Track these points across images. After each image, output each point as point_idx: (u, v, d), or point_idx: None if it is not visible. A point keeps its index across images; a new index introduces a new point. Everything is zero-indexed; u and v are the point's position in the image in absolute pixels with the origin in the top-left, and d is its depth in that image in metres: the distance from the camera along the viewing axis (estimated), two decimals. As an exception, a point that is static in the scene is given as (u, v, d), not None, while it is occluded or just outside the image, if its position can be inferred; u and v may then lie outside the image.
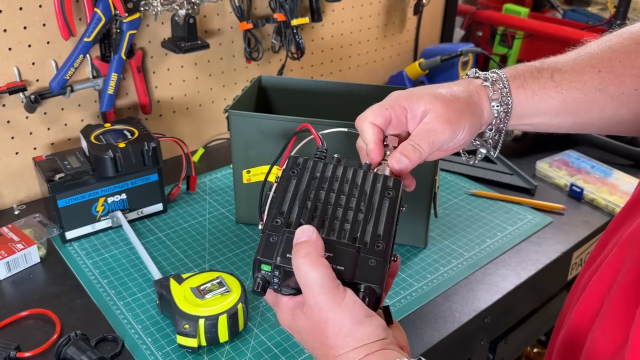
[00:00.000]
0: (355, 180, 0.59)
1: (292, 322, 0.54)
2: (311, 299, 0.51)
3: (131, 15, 1.03)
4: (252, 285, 0.54)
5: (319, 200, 0.57)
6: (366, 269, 0.53)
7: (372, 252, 0.54)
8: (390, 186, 0.58)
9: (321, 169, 0.59)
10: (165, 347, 0.76)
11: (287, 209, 0.56)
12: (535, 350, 1.40)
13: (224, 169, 1.20)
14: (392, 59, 1.58)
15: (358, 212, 0.57)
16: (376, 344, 0.50)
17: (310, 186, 0.58)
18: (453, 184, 1.16)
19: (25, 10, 0.97)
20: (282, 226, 0.55)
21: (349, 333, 0.50)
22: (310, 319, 0.51)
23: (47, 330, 0.79)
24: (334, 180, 0.59)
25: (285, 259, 0.53)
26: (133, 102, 1.16)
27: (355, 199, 0.57)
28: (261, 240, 0.54)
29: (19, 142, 1.04)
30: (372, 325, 0.51)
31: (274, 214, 0.56)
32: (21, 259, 0.89)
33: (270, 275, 0.54)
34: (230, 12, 1.21)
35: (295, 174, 0.59)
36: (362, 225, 0.56)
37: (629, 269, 0.48)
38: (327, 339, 0.51)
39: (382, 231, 0.55)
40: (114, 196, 0.97)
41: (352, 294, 0.51)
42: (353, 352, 0.50)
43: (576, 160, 1.21)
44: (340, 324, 0.50)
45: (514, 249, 0.97)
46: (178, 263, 0.92)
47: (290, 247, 0.53)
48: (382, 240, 0.55)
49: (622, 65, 0.62)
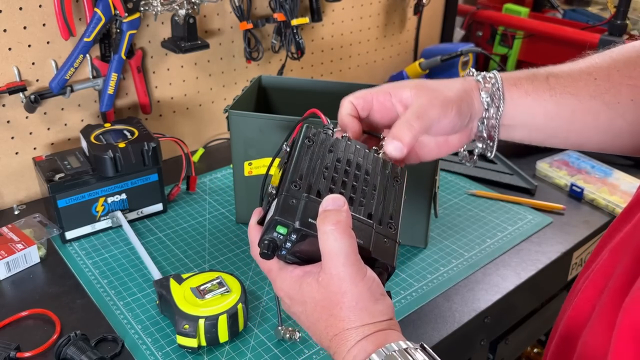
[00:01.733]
0: (366, 161, 0.59)
1: (298, 292, 0.53)
2: (333, 269, 0.50)
3: (131, 15, 1.03)
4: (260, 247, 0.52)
5: (335, 172, 0.56)
6: (382, 246, 0.53)
7: (386, 232, 0.54)
8: (398, 173, 0.59)
9: (334, 143, 0.59)
10: (165, 347, 0.76)
11: (305, 175, 0.55)
12: (535, 350, 1.40)
13: (224, 169, 1.20)
14: (392, 59, 1.58)
15: (372, 191, 0.56)
16: (385, 323, 0.51)
17: (326, 158, 0.57)
18: (453, 184, 1.16)
19: (25, 10, 0.97)
20: (301, 191, 0.53)
21: (364, 308, 0.50)
22: (327, 288, 0.51)
23: (47, 331, 0.79)
24: (348, 156, 0.58)
25: (306, 223, 0.51)
26: (133, 102, 1.16)
27: (368, 177, 0.57)
28: (278, 201, 0.53)
29: (18, 142, 1.04)
30: (385, 304, 0.51)
31: (292, 177, 0.54)
32: (21, 259, 0.89)
33: (283, 239, 0.52)
34: (230, 12, 1.21)
35: (312, 143, 0.58)
36: (375, 204, 0.55)
37: (619, 274, 0.48)
38: (340, 310, 0.50)
39: (392, 213, 0.56)
40: (114, 196, 0.97)
41: (371, 271, 0.52)
42: (363, 327, 0.50)
43: (576, 160, 1.21)
44: (358, 298, 0.50)
45: (514, 249, 0.97)
46: (178, 263, 0.92)
47: (313, 212, 0.51)
48: (394, 222, 0.55)
49: (620, 74, 0.61)
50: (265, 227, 0.53)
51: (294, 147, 0.58)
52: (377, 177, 0.58)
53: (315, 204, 0.52)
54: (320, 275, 0.51)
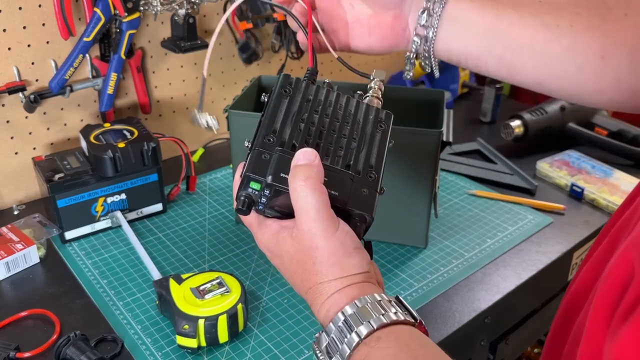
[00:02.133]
0: (348, 108, 0.58)
1: (275, 245, 0.54)
2: (304, 225, 0.50)
3: (131, 15, 1.03)
4: (237, 203, 0.52)
5: (312, 123, 0.55)
6: (359, 197, 0.53)
7: (364, 181, 0.54)
8: (383, 119, 0.58)
9: (314, 92, 0.58)
10: (164, 348, 0.76)
11: (279, 128, 0.54)
12: (535, 350, 1.40)
13: (223, 169, 1.20)
14: (392, 58, 1.58)
15: (351, 140, 0.56)
16: (359, 276, 0.51)
17: (303, 108, 0.56)
18: (453, 184, 1.15)
19: (24, 10, 0.97)
20: (274, 144, 0.53)
21: (336, 262, 0.50)
22: (300, 244, 0.51)
23: (47, 331, 0.79)
24: (327, 105, 0.57)
25: (278, 179, 0.51)
26: (133, 101, 1.16)
27: (348, 126, 0.56)
28: (251, 157, 0.53)
29: (18, 142, 1.04)
30: (358, 258, 0.52)
31: (266, 131, 0.54)
32: (21, 259, 0.89)
33: (258, 194, 0.52)
34: (230, 12, 1.21)
35: (288, 93, 0.57)
36: (355, 154, 0.55)
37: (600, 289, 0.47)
38: (313, 265, 0.51)
39: (374, 162, 0.55)
40: (114, 196, 0.97)
41: (344, 224, 0.52)
42: (336, 281, 0.50)
43: (577, 160, 1.20)
44: (330, 253, 0.50)
45: (514, 249, 0.97)
46: (178, 263, 0.92)
47: (285, 166, 0.51)
48: (374, 170, 0.54)
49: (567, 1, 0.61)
50: (239, 183, 0.53)
51: (271, 97, 0.57)
52: (359, 124, 0.57)
53: (288, 158, 0.52)
54: (294, 231, 0.52)
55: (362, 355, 0.46)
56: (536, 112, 1.27)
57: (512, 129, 1.26)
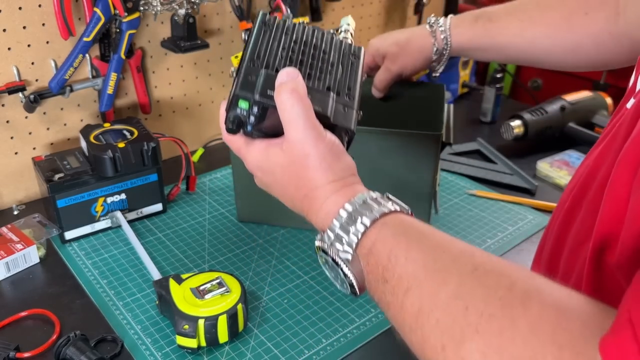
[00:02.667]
0: (324, 41, 0.62)
1: (266, 161, 0.56)
2: (294, 134, 0.53)
3: (131, 15, 1.02)
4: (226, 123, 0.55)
5: (292, 51, 0.59)
6: (340, 113, 0.57)
7: (343, 101, 0.58)
8: (356, 52, 0.63)
9: (292, 27, 0.61)
10: (164, 348, 0.76)
11: (262, 55, 0.57)
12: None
13: (223, 169, 1.20)
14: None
15: (329, 66, 0.59)
16: (350, 178, 0.55)
17: (283, 39, 0.60)
18: (453, 184, 1.15)
19: (24, 10, 0.97)
20: (259, 68, 0.56)
21: (328, 167, 0.53)
22: (291, 153, 0.54)
23: (47, 331, 0.79)
24: (305, 37, 0.61)
25: (265, 96, 0.54)
26: (132, 101, 1.16)
27: (325, 55, 0.60)
28: (237, 79, 0.55)
29: (18, 142, 1.04)
30: (347, 162, 0.55)
31: (251, 56, 0.56)
32: (20, 259, 0.89)
33: (247, 114, 0.54)
34: (230, 12, 1.21)
35: (268, 26, 0.60)
36: (333, 78, 0.59)
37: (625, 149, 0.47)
38: (307, 172, 0.53)
39: (351, 85, 0.59)
40: (114, 196, 0.97)
41: (330, 133, 0.55)
42: (330, 185, 0.53)
43: (577, 160, 1.20)
44: (321, 158, 0.53)
45: (514, 249, 0.97)
46: (178, 263, 0.92)
47: (271, 84, 0.54)
48: (352, 93, 0.59)
49: None
50: (228, 104, 0.55)
51: (252, 31, 0.60)
52: (335, 55, 0.61)
53: (273, 78, 0.55)
54: (284, 144, 0.54)
55: (370, 241, 0.49)
56: (536, 112, 1.27)
57: (512, 129, 1.25)
